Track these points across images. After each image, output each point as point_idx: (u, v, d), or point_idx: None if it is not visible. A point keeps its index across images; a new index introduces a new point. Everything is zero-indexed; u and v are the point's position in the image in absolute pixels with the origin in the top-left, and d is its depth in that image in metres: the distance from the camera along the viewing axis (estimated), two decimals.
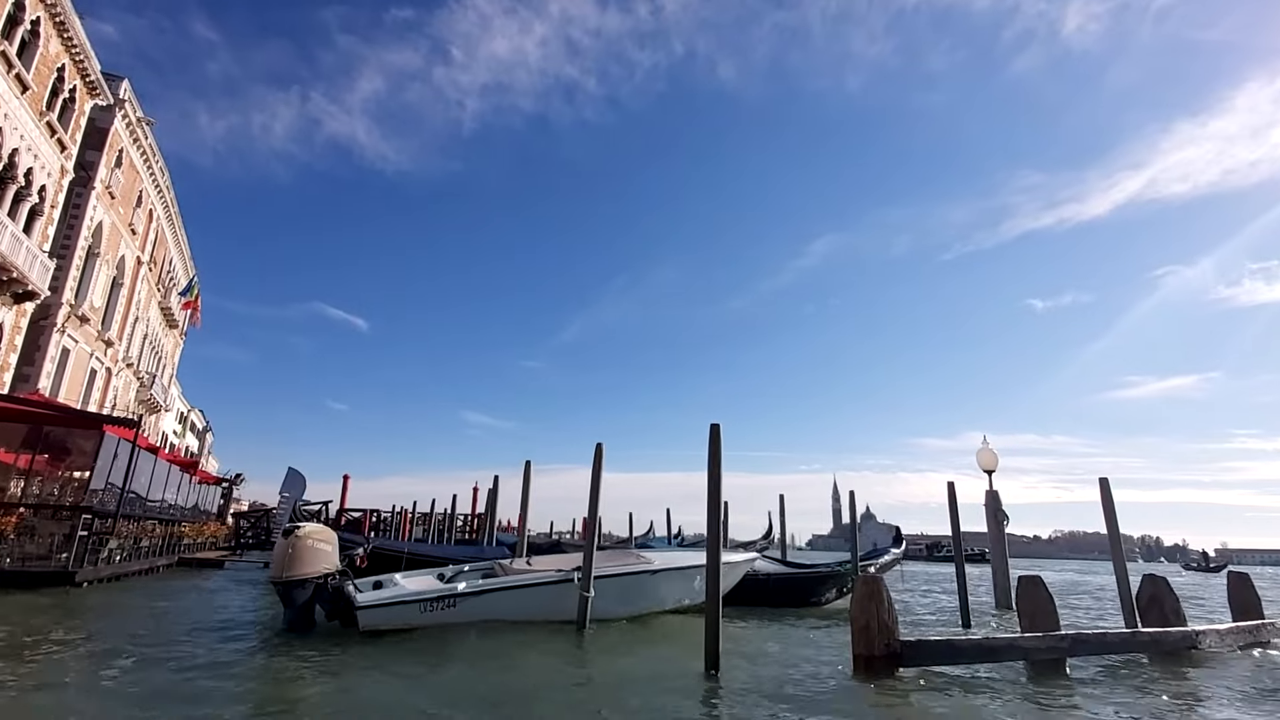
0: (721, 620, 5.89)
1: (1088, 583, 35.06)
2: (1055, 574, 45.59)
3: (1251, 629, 8.20)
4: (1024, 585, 6.92)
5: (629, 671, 6.28)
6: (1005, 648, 6.04)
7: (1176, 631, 7.22)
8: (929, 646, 5.75)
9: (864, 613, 5.65)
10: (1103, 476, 9.30)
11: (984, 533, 14.27)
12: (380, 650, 6.81)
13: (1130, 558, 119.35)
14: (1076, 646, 6.41)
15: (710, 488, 6.21)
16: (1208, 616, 13.56)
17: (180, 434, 55.37)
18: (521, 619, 8.33)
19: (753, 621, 10.63)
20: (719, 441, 6.39)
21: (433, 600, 8.13)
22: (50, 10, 22.56)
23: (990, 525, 14.03)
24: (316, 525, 8.29)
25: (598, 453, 8.14)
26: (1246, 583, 8.87)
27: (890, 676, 5.51)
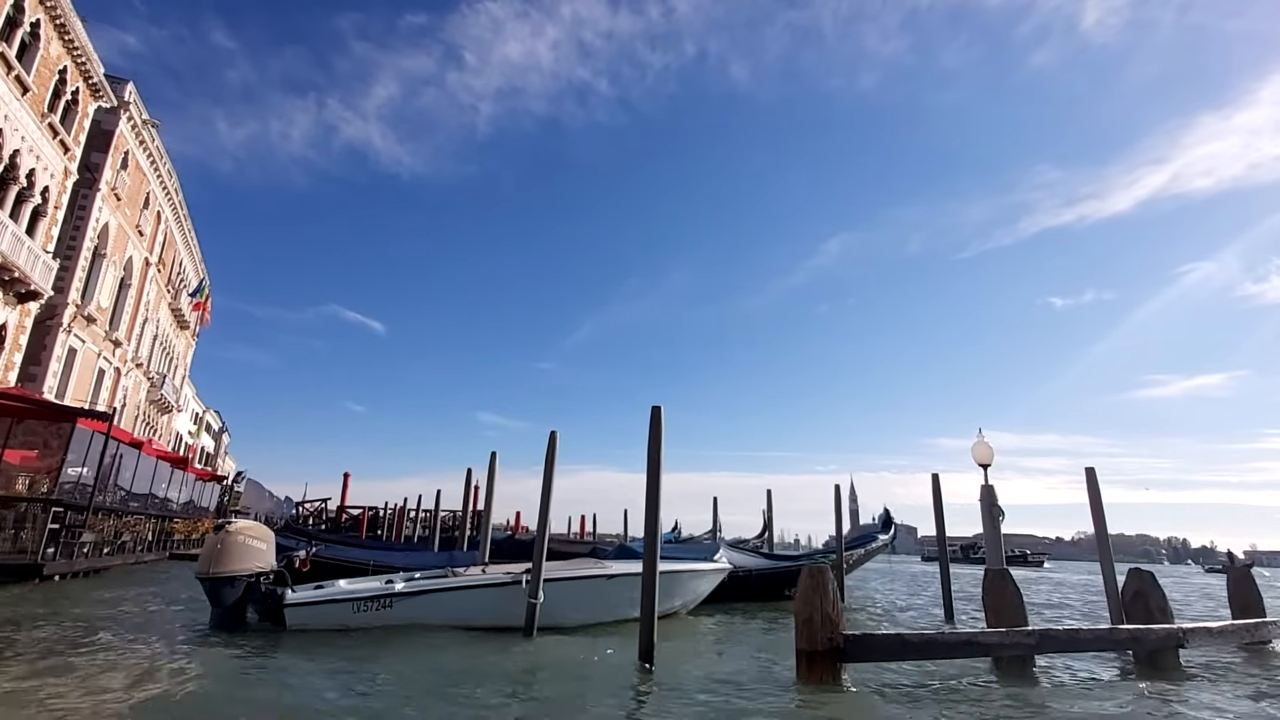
0: (657, 619, 5.58)
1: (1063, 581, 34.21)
2: (1075, 575, 44.45)
3: (1249, 628, 7.65)
4: (990, 580, 6.50)
5: (557, 673, 5.95)
6: (962, 644, 5.63)
7: (1160, 629, 6.73)
8: (875, 641, 5.36)
9: (807, 605, 5.28)
10: (1089, 466, 8.83)
11: (1023, 534, 13.75)
12: (298, 650, 6.53)
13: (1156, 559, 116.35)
14: (1044, 643, 5.98)
15: (650, 475, 5.88)
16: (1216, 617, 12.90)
17: (195, 434, 56.03)
18: (464, 623, 7.98)
19: (728, 616, 10.28)
20: (660, 425, 6.07)
21: (366, 600, 7.82)
22: (50, 12, 22.78)
23: (985, 522, 13.48)
24: (250, 522, 8.03)
25: (551, 444, 7.81)
26: (1248, 581, 8.34)
27: (833, 672, 5.15)
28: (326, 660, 5.95)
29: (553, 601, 8.03)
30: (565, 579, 8.50)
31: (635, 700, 4.85)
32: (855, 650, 5.23)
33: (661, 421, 6.07)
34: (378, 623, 7.76)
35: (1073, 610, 15.11)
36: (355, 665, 5.84)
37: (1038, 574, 48.52)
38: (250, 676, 5.25)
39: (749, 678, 5.58)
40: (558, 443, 7.83)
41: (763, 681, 5.42)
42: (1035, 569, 63.19)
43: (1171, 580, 41.29)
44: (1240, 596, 8.31)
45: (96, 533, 12.56)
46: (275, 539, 7.83)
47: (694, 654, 7.24)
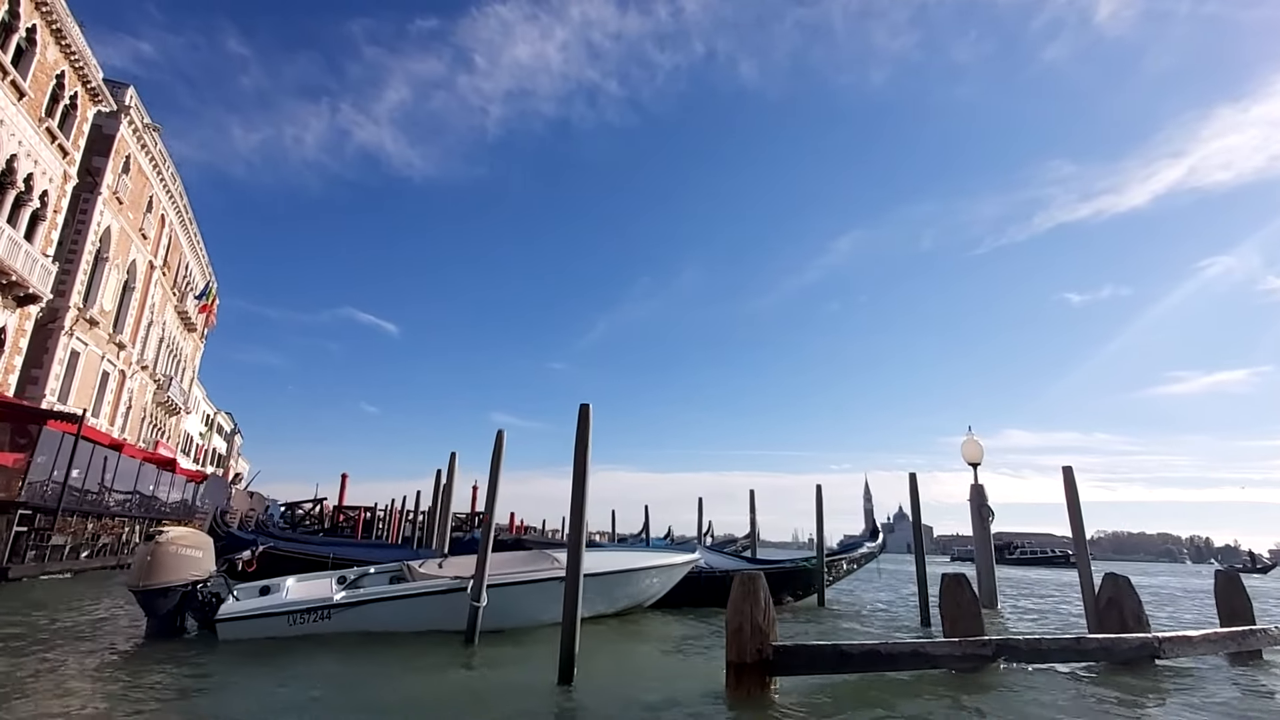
0: (579, 627, 5.27)
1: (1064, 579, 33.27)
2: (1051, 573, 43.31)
3: (1235, 636, 7.18)
4: (946, 585, 6.14)
5: (479, 684, 5.66)
6: (909, 654, 5.28)
7: (1133, 638, 6.32)
8: (809, 652, 5.02)
9: (738, 614, 4.97)
10: (1066, 465, 8.40)
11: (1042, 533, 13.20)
12: (225, 663, 6.30)
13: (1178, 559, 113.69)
14: (1001, 653, 5.62)
15: (576, 474, 5.60)
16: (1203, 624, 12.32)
17: (205, 436, 56.58)
18: (407, 630, 7.74)
19: (696, 620, 9.95)
20: (588, 424, 5.79)
21: (303, 612, 7.61)
22: (46, 18, 22.94)
23: (974, 522, 13.07)
24: (184, 530, 7.78)
25: (498, 441, 7.56)
26: (1236, 585, 7.86)
27: (762, 685, 4.83)
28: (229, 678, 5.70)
29: (502, 604, 7.79)
30: (513, 583, 8.25)
31: None
32: (786, 662, 4.90)
33: (589, 420, 5.80)
34: (315, 632, 7.53)
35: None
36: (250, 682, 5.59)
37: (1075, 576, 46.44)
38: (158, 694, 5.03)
39: (677, 690, 5.27)
40: (504, 442, 7.58)
41: (690, 695, 5.11)
42: (1073, 570, 60.88)
43: (1185, 580, 39.89)
44: (1227, 602, 7.83)
45: (69, 535, 12.51)
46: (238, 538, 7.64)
47: (627, 662, 6.90)
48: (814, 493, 12.76)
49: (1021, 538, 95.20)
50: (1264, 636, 7.40)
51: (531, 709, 4.81)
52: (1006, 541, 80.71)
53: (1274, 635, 7.47)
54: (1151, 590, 26.73)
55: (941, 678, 5.74)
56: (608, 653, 7.30)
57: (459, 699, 5.18)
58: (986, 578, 12.71)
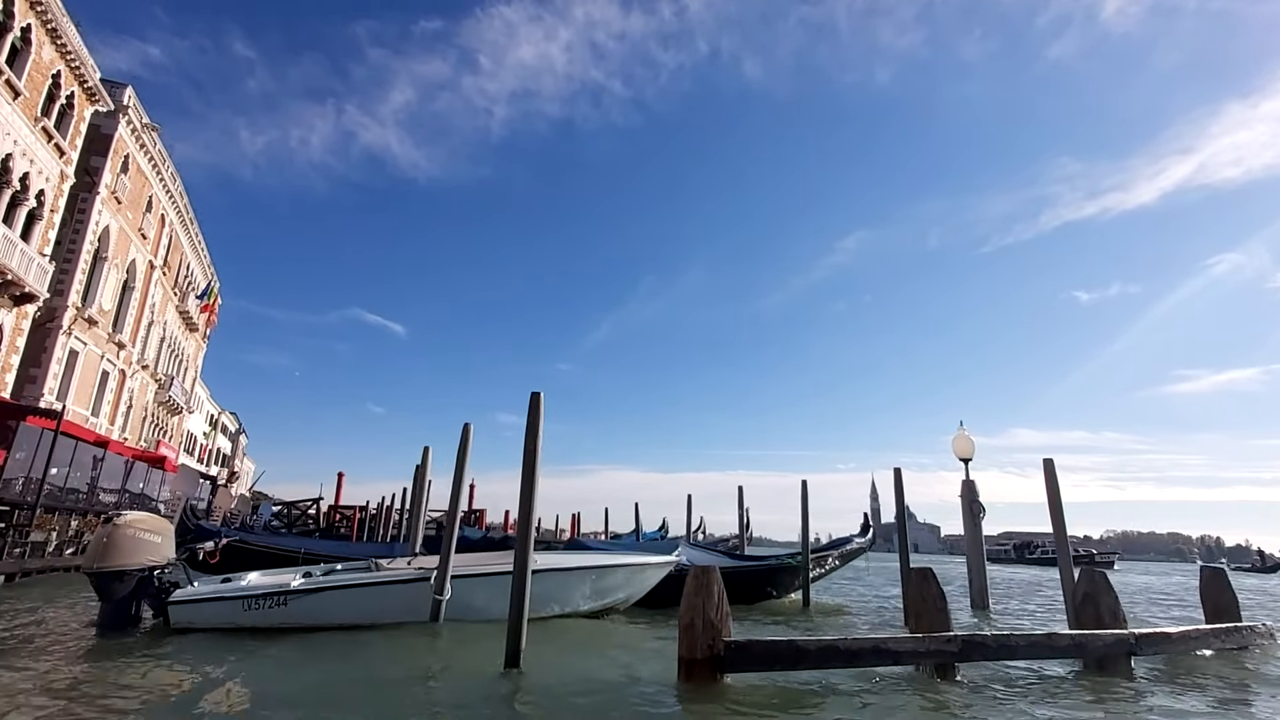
0: (526, 619, 5.16)
1: (1127, 584, 32.65)
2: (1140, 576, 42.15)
3: (1218, 633, 6.97)
4: (912, 579, 5.97)
5: (429, 669, 5.55)
6: (868, 651, 5.11)
7: (1107, 635, 6.12)
8: (763, 648, 4.86)
9: (690, 609, 4.83)
10: (1047, 458, 8.22)
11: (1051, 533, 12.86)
12: (178, 651, 6.21)
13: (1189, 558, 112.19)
14: (968, 650, 5.44)
15: (526, 464, 5.47)
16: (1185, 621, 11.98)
17: (209, 436, 56.82)
18: (367, 622, 7.59)
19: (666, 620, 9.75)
20: (539, 412, 5.66)
21: (258, 598, 7.47)
22: (41, 17, 23.00)
23: (965, 518, 12.86)
24: (143, 514, 7.69)
25: (464, 434, 7.45)
26: (1222, 581, 7.65)
27: (712, 681, 4.69)
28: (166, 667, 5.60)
29: (468, 597, 7.66)
30: (478, 575, 8.12)
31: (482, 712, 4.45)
32: (738, 658, 4.75)
33: (540, 408, 5.67)
34: (271, 622, 7.44)
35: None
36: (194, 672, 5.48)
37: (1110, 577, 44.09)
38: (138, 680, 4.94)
39: (628, 682, 5.14)
40: (471, 435, 7.48)
41: (640, 687, 4.97)
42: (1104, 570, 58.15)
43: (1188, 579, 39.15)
44: (1212, 598, 7.60)
45: (50, 532, 12.48)
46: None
47: (583, 653, 6.73)
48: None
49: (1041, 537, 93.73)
50: (1249, 634, 7.18)
51: (474, 690, 4.71)
52: (1026, 540, 78.41)
53: (1261, 632, 7.27)
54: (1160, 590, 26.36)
55: (905, 675, 5.58)
56: (566, 644, 7.20)
57: (406, 682, 5.08)
58: (978, 576, 12.50)
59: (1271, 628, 7.48)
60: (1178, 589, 27.85)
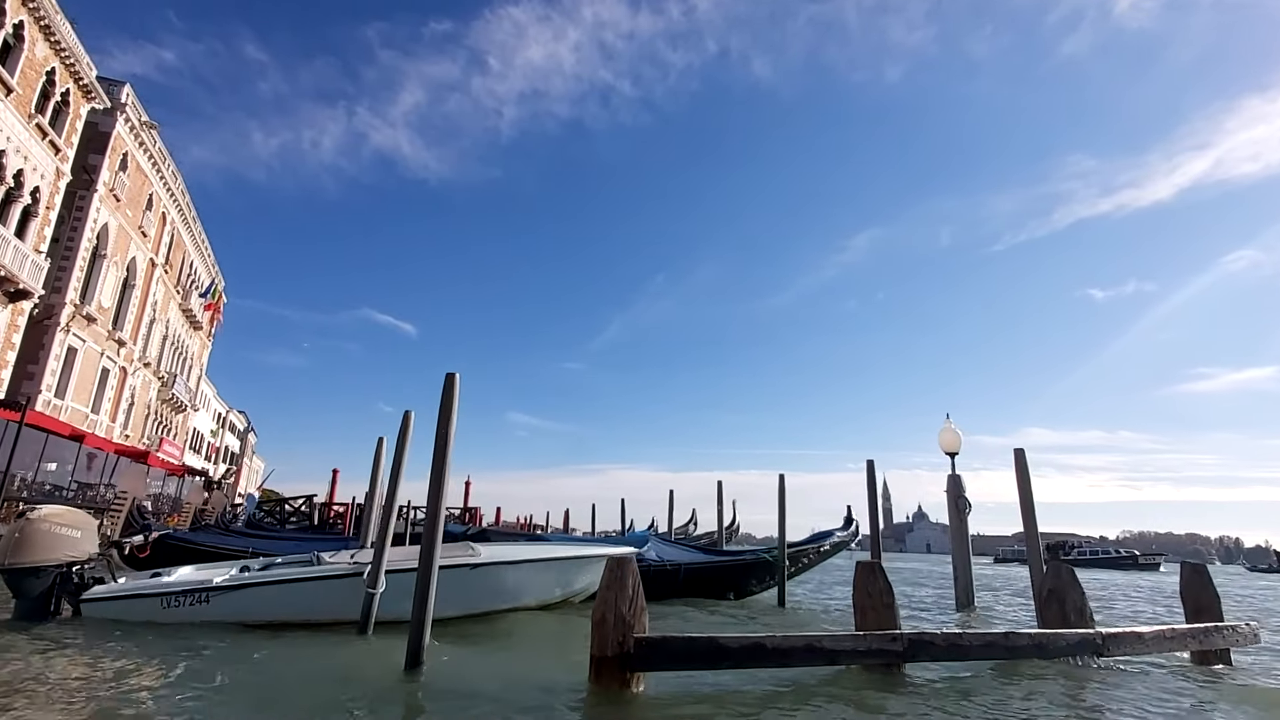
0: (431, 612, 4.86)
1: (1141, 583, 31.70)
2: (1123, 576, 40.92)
3: (1194, 633, 6.52)
4: (860, 574, 5.61)
5: (326, 671, 5.26)
6: (800, 649, 4.77)
7: (1071, 634, 5.72)
8: (679, 645, 4.52)
9: (603, 603, 4.51)
10: (1018, 448, 7.81)
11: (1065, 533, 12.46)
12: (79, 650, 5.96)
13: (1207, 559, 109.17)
14: (914, 650, 5.08)
15: (437, 450, 5.18)
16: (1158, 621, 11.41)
17: (216, 434, 57.19)
18: (297, 619, 7.32)
19: None
20: (453, 393, 5.38)
21: (179, 595, 7.24)
22: (34, 14, 23.05)
23: (951, 514, 12.43)
24: (61, 508, 7.46)
25: (403, 425, 7.17)
26: (1202, 578, 7.19)
27: (621, 681, 4.37)
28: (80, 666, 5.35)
29: (405, 592, 7.35)
30: (412, 569, 7.78)
31: (372, 713, 4.17)
32: (651, 656, 4.41)
33: (455, 389, 5.38)
34: (193, 619, 7.22)
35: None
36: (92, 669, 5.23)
37: (1154, 579, 37.78)
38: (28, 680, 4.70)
39: (538, 683, 4.83)
40: (411, 421, 7.20)
41: (549, 688, 4.66)
42: (1149, 572, 50.05)
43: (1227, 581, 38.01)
44: (1193, 597, 7.14)
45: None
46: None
47: (502, 653, 6.40)
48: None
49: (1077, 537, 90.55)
50: (1231, 634, 6.73)
51: (363, 693, 4.43)
52: (1061, 540, 73.45)
53: (1243, 633, 6.82)
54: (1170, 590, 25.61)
55: (844, 677, 5.23)
56: (492, 641, 6.89)
57: (294, 682, 4.82)
58: (963, 574, 12.06)
59: (1255, 627, 7.03)
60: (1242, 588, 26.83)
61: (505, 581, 8.45)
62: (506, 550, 9.16)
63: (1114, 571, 48.14)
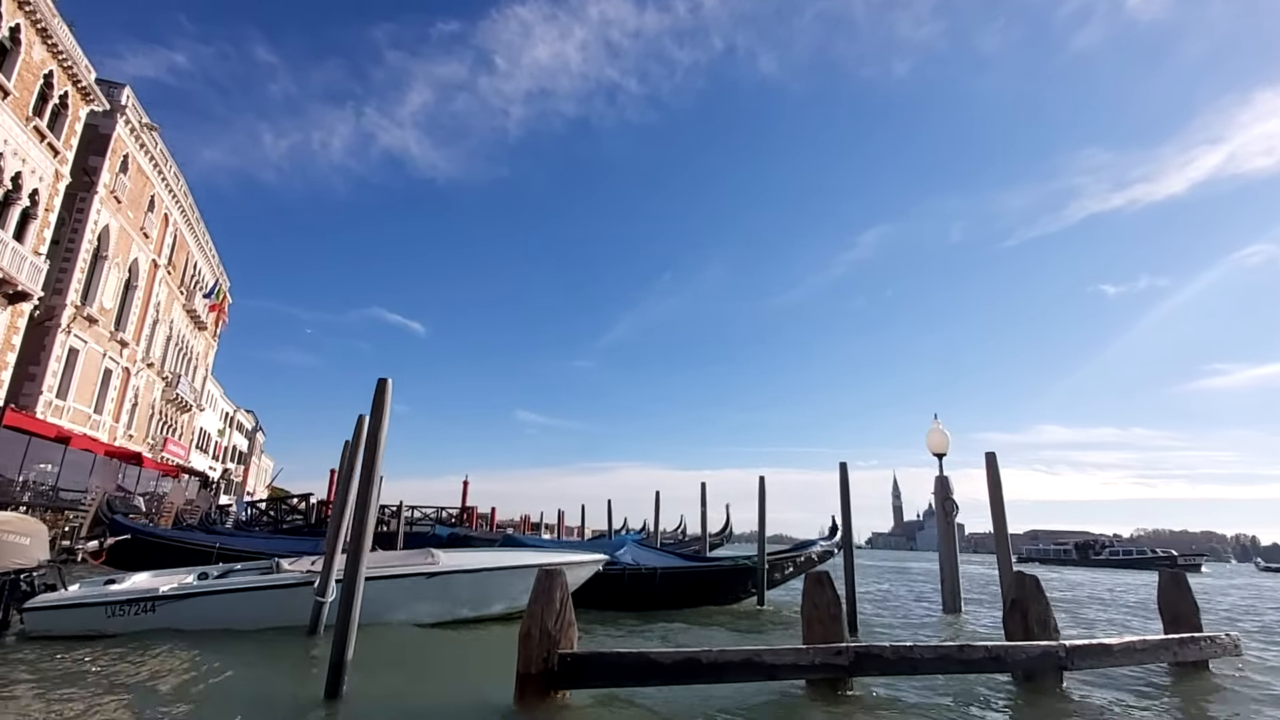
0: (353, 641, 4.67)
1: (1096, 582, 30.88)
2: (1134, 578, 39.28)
3: (1168, 645, 6.25)
4: (807, 584, 5.42)
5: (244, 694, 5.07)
6: (738, 664, 4.58)
7: (1031, 647, 5.49)
8: (607, 661, 4.34)
9: (529, 618, 4.35)
10: (989, 451, 7.57)
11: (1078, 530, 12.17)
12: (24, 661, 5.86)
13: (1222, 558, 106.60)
14: (861, 664, 4.88)
15: (366, 454, 5.04)
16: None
17: (223, 433, 57.59)
18: (248, 627, 7.20)
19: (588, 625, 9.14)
20: (385, 398, 5.23)
21: (124, 604, 7.15)
22: (30, 17, 23.15)
23: (939, 515, 12.17)
24: (9, 515, 7.36)
25: (357, 427, 7.04)
26: (1180, 585, 6.93)
27: (545, 699, 4.20)
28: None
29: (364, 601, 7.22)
30: (376, 576, 7.65)
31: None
32: (577, 673, 4.25)
33: (387, 395, 5.23)
34: (139, 628, 7.13)
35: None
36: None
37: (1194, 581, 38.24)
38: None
39: (464, 704, 4.66)
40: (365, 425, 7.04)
41: (473, 710, 4.49)
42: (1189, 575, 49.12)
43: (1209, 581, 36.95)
44: (1170, 605, 6.89)
45: None
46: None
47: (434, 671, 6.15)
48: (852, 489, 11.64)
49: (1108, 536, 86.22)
50: (1209, 645, 6.47)
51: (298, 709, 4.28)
52: (1091, 540, 70.97)
53: (1222, 644, 6.56)
54: None
55: (787, 693, 5.04)
56: (420, 657, 6.67)
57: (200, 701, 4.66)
58: (951, 576, 11.80)
59: (1236, 638, 6.76)
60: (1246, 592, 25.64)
61: (465, 591, 8.28)
62: (469, 558, 9.00)
63: (1149, 574, 45.56)
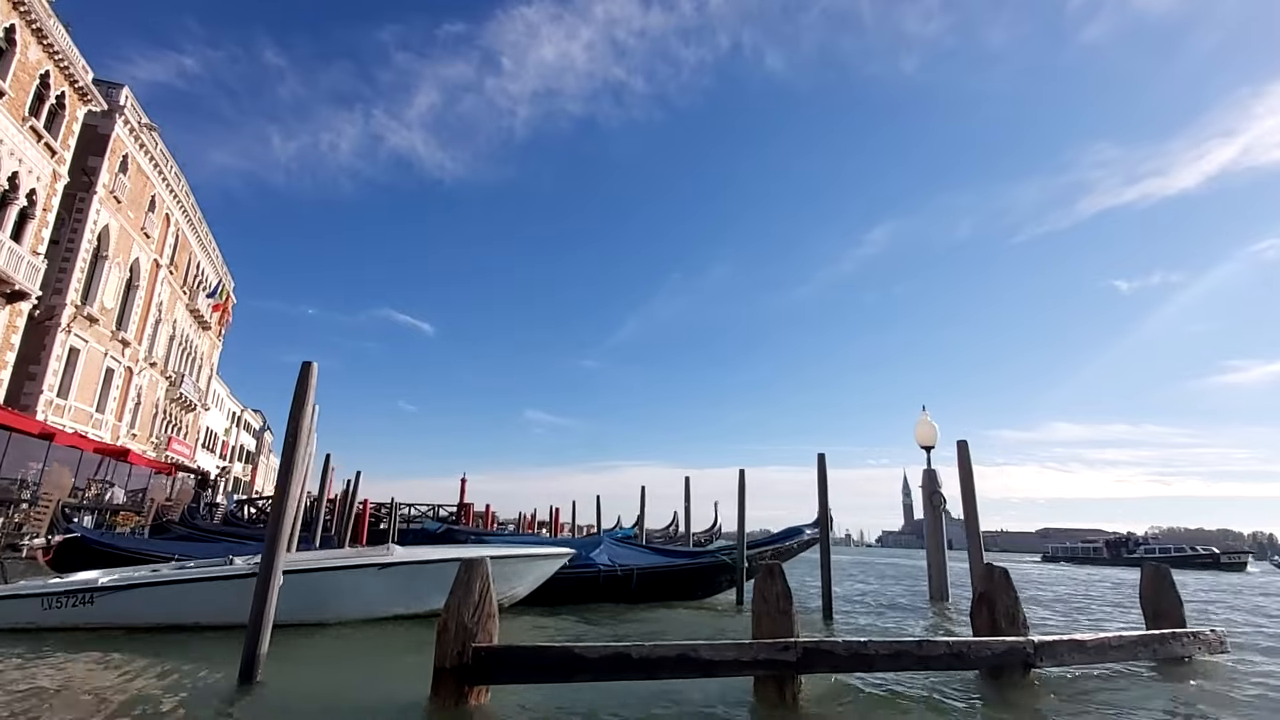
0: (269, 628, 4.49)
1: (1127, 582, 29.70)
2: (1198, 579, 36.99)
3: (1147, 641, 5.92)
4: (758, 577, 5.15)
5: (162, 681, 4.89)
6: (671, 660, 4.32)
7: (996, 643, 5.20)
8: (526, 656, 4.11)
9: (448, 610, 4.13)
10: (961, 440, 7.27)
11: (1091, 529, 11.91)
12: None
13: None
14: (810, 660, 4.62)
15: (287, 444, 4.84)
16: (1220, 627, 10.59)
17: (230, 432, 57.94)
18: (189, 622, 7.07)
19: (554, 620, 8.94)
20: (308, 384, 5.03)
21: (60, 596, 7.00)
22: (26, 17, 23.23)
23: (925, 510, 11.85)
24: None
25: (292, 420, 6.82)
26: (1164, 580, 6.60)
27: (457, 695, 3.97)
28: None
29: (306, 595, 7.05)
30: (317, 570, 7.48)
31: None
32: (493, 668, 4.02)
33: (311, 379, 5.03)
34: (77, 621, 6.99)
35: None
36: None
37: (1239, 580, 33.50)
38: None
39: (380, 698, 4.45)
40: (317, 417, 6.90)
41: (388, 705, 4.28)
42: (1233, 573, 44.13)
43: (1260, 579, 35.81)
44: (1153, 600, 6.56)
45: None
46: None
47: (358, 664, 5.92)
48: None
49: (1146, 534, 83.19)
50: (1191, 642, 6.15)
51: (182, 707, 4.09)
52: (1123, 537, 67.49)
53: (1207, 640, 6.23)
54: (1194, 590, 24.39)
55: (731, 691, 4.78)
56: (358, 651, 6.45)
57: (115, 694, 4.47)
58: (938, 571, 11.48)
59: (1222, 634, 6.43)
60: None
61: (420, 583, 8.07)
62: (426, 551, 8.79)
63: (1191, 572, 42.17)
